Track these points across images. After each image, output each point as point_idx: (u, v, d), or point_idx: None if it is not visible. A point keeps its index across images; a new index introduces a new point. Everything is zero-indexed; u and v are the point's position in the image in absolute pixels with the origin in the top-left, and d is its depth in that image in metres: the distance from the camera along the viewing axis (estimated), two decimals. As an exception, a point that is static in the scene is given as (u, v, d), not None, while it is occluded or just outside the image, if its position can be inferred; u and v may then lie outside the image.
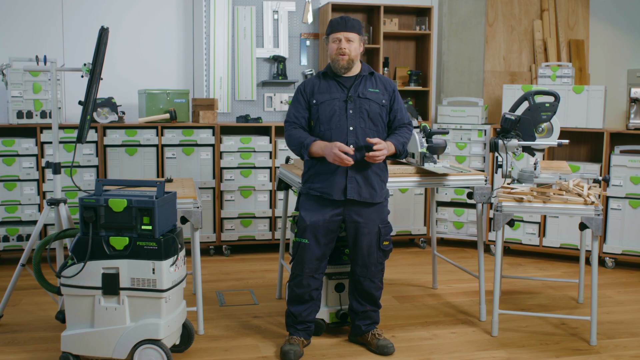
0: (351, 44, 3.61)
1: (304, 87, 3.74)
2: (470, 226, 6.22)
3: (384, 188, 3.76)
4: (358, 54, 3.66)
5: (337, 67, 3.64)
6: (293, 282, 3.74)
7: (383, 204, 3.75)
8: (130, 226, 3.30)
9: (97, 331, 3.33)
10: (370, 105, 3.64)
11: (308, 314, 3.76)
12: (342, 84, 3.66)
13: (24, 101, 5.46)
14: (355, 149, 3.57)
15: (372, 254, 3.71)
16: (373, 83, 3.70)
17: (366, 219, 3.66)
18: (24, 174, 5.47)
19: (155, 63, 6.22)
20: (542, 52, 6.67)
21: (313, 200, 3.69)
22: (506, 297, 4.75)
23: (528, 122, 4.15)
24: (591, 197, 3.79)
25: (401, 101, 3.81)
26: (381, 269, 3.78)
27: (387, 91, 3.73)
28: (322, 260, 3.72)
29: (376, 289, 3.78)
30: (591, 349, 3.81)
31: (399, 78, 6.56)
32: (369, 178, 3.64)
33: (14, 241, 5.49)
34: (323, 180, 3.64)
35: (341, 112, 3.61)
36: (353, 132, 3.60)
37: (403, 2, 6.45)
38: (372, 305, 3.81)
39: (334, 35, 3.63)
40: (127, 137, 5.60)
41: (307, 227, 3.65)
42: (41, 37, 5.94)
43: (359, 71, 3.70)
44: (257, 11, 6.15)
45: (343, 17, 3.66)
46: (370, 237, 3.68)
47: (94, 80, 3.75)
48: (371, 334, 3.78)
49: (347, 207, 3.65)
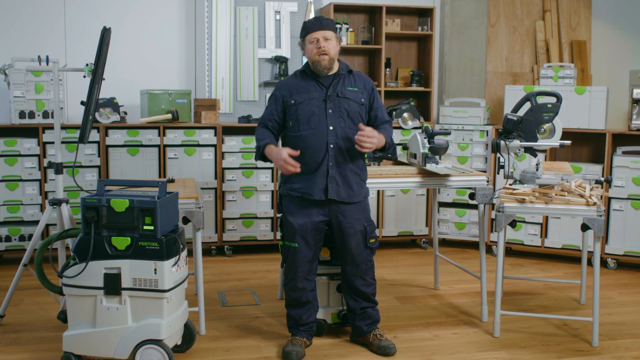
0: (329, 42, 3.59)
1: (281, 87, 3.73)
2: (472, 227, 6.22)
3: (363, 187, 3.75)
4: (337, 52, 3.64)
5: (319, 68, 3.61)
6: (288, 286, 3.75)
7: (364, 202, 3.74)
8: (132, 226, 3.30)
9: (98, 331, 3.33)
10: (350, 104, 3.62)
11: (308, 316, 3.76)
12: (321, 83, 3.64)
13: (26, 101, 5.46)
14: (336, 149, 3.57)
15: (360, 253, 3.70)
16: (352, 82, 3.68)
17: (350, 218, 3.65)
18: (26, 174, 5.48)
19: (157, 63, 6.22)
20: (544, 52, 6.66)
21: (295, 202, 3.67)
22: (508, 298, 4.74)
23: (530, 123, 4.15)
24: (593, 198, 3.78)
25: (380, 99, 3.80)
26: (371, 266, 3.77)
27: (365, 90, 3.71)
28: (313, 261, 3.73)
29: (368, 285, 3.77)
30: (593, 350, 3.81)
31: (401, 79, 6.56)
32: (347, 178, 3.63)
33: (16, 241, 5.50)
34: (303, 180, 3.62)
35: (320, 111, 3.59)
36: (333, 132, 3.58)
37: (405, 3, 6.45)
38: (368, 302, 3.80)
39: (311, 36, 3.60)
40: (129, 138, 5.60)
41: (296, 231, 3.64)
42: (43, 37, 5.95)
43: (338, 70, 3.68)
44: (259, 12, 6.15)
45: (317, 17, 3.64)
46: (357, 236, 3.67)
47: (96, 81, 3.76)
48: (373, 334, 3.78)
49: (330, 207, 3.64)
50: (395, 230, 6.24)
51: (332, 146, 3.58)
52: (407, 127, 6.15)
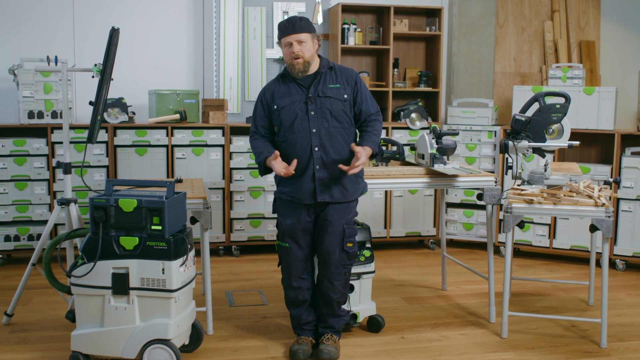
0: (304, 45, 3.50)
1: (264, 93, 3.69)
2: (479, 228, 6.20)
3: (360, 183, 3.70)
4: (312, 53, 3.55)
5: (294, 72, 3.55)
6: (284, 285, 3.76)
7: (352, 204, 3.67)
8: (140, 226, 3.31)
9: (106, 331, 3.34)
10: (332, 103, 3.54)
11: (308, 315, 3.76)
12: (302, 84, 3.58)
13: (35, 101, 5.48)
14: (322, 151, 3.52)
15: (332, 254, 3.62)
16: (333, 78, 3.60)
17: (331, 217, 3.60)
18: (35, 174, 5.50)
19: (166, 64, 6.24)
20: (553, 53, 6.64)
21: (286, 204, 3.66)
22: (516, 299, 4.73)
23: (538, 124, 4.13)
24: (602, 199, 3.77)
25: (365, 91, 3.66)
26: (343, 272, 3.66)
27: (348, 84, 3.60)
28: (307, 261, 3.71)
29: (334, 291, 3.66)
30: (601, 352, 3.79)
31: (408, 79, 6.55)
32: (338, 178, 3.56)
33: (24, 240, 5.52)
34: (291, 184, 3.60)
35: (302, 114, 3.54)
36: (317, 134, 3.53)
37: (413, 3, 6.45)
38: (327, 308, 3.71)
39: (285, 40, 3.54)
40: (137, 138, 5.62)
41: (285, 231, 3.65)
42: (52, 38, 5.97)
43: (318, 68, 3.60)
44: (267, 12, 6.16)
45: (290, 20, 3.53)
46: (332, 235, 3.60)
47: (105, 81, 3.77)
48: (324, 336, 3.71)
49: (320, 208, 3.62)
50: (402, 230, 6.23)
51: (316, 149, 3.52)
52: (415, 128, 6.15)
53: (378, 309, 4.18)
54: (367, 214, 6.13)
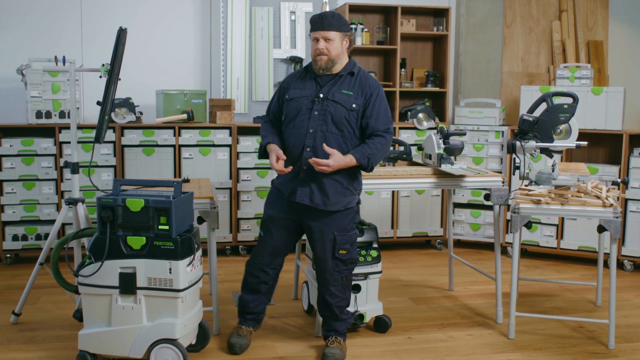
0: (330, 43, 3.46)
1: (285, 81, 3.71)
2: (487, 228, 6.19)
3: (347, 196, 3.56)
4: (340, 52, 3.50)
5: (315, 67, 3.54)
6: (247, 269, 3.77)
7: (342, 213, 3.57)
8: (148, 226, 3.31)
9: (114, 330, 3.34)
10: (336, 108, 3.47)
11: (255, 306, 3.77)
12: (319, 82, 3.55)
13: (42, 101, 5.50)
14: (312, 153, 3.47)
15: (326, 261, 3.58)
16: (350, 84, 3.53)
17: (321, 223, 3.55)
18: (43, 174, 5.52)
19: (173, 64, 6.25)
20: (561, 53, 6.62)
21: (274, 194, 3.68)
22: (523, 300, 4.72)
23: (546, 124, 4.12)
24: (610, 200, 3.76)
25: (380, 106, 3.54)
26: (339, 278, 3.61)
27: (362, 94, 3.51)
28: (276, 255, 3.69)
29: (331, 296, 3.63)
30: (609, 353, 3.78)
31: (416, 79, 6.54)
32: (322, 184, 3.48)
33: (32, 240, 5.54)
34: (281, 176, 3.61)
35: (306, 112, 3.51)
36: (312, 135, 3.47)
37: (420, 3, 6.44)
38: (328, 312, 3.69)
39: (313, 35, 3.52)
40: (145, 138, 5.63)
41: (264, 220, 3.68)
42: (60, 38, 5.99)
43: (340, 70, 3.56)
44: (274, 12, 6.16)
45: (321, 15, 3.49)
46: (323, 243, 3.57)
47: (112, 81, 3.78)
48: (329, 339, 3.70)
49: (303, 209, 3.57)
50: (409, 231, 6.23)
51: (308, 150, 3.48)
52: (422, 128, 6.14)
53: (385, 309, 4.17)
54: (374, 214, 6.12)
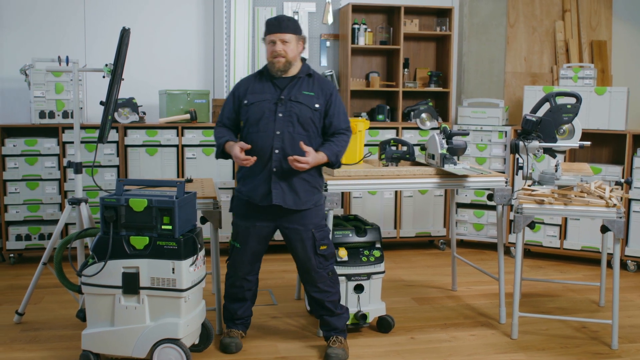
0: (287, 46, 3.50)
1: (239, 86, 3.69)
2: (490, 228, 6.18)
3: (315, 194, 3.63)
4: (296, 54, 3.55)
5: (273, 70, 3.55)
6: (228, 282, 3.77)
7: (314, 209, 3.62)
8: (151, 226, 3.32)
9: (117, 330, 3.35)
10: (301, 109, 3.51)
11: (243, 312, 3.80)
12: (277, 85, 3.56)
13: (46, 101, 5.51)
14: (281, 154, 3.48)
15: (309, 260, 3.61)
16: (309, 85, 3.58)
17: (297, 224, 3.58)
18: (46, 174, 5.53)
19: (176, 64, 6.25)
20: (564, 53, 6.62)
21: (243, 204, 3.64)
22: (526, 300, 4.72)
23: (549, 124, 4.12)
24: (613, 200, 3.75)
25: (339, 105, 3.63)
26: (325, 274, 3.65)
27: (323, 94, 3.58)
28: (254, 263, 3.73)
29: (322, 294, 3.67)
30: (612, 353, 3.77)
31: (419, 79, 6.54)
32: (293, 184, 3.53)
33: (35, 240, 5.55)
34: (248, 184, 3.59)
35: (270, 114, 3.51)
36: (280, 137, 3.49)
37: (423, 3, 6.43)
38: (324, 310, 3.71)
39: (269, 37, 3.53)
40: (148, 137, 5.63)
41: (239, 233, 3.66)
42: (63, 38, 6.00)
43: (297, 72, 3.59)
44: (277, 12, 6.16)
45: (277, 18, 3.54)
46: (303, 243, 3.60)
47: (115, 81, 3.78)
48: (331, 339, 3.70)
49: (275, 213, 3.58)
50: (412, 231, 6.22)
51: (277, 151, 3.49)
52: (425, 128, 6.14)
53: (388, 309, 4.17)
54: (377, 214, 6.12)
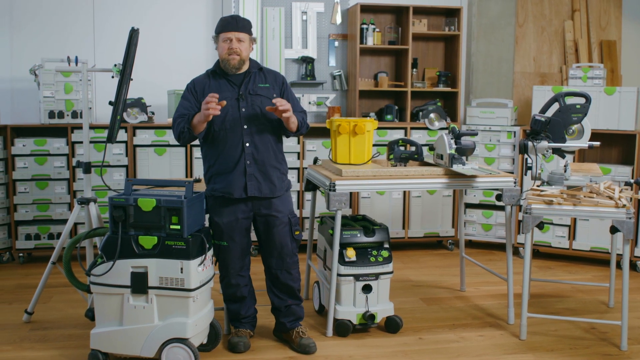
0: (242, 44, 3.61)
1: (194, 85, 3.72)
2: (498, 228, 6.17)
3: (285, 180, 3.79)
4: (248, 54, 3.67)
5: (227, 67, 3.63)
6: (222, 283, 3.81)
7: (286, 195, 3.78)
8: (159, 225, 3.33)
9: (125, 329, 3.36)
10: (262, 101, 3.63)
11: (246, 311, 3.83)
12: (232, 82, 3.66)
13: (55, 101, 5.53)
14: (252, 147, 3.60)
15: (285, 245, 3.74)
16: (262, 78, 3.71)
17: (275, 210, 3.70)
18: (55, 173, 5.55)
19: (184, 64, 6.26)
20: (573, 52, 6.59)
21: (219, 202, 3.68)
22: (535, 301, 4.70)
23: (558, 124, 4.10)
24: (622, 200, 3.74)
25: (292, 92, 3.81)
26: (296, 260, 3.81)
27: (277, 85, 3.74)
28: (244, 257, 3.78)
29: (294, 280, 3.81)
30: (622, 354, 3.76)
31: (427, 79, 6.53)
32: (267, 174, 3.66)
33: (44, 239, 5.57)
34: (222, 180, 3.64)
35: (234, 111, 3.61)
36: (248, 131, 3.61)
37: (432, 3, 6.42)
38: (292, 299, 3.83)
39: (225, 35, 3.62)
40: (157, 137, 5.65)
41: (223, 230, 3.68)
42: (72, 38, 6.02)
43: (248, 68, 3.70)
44: (285, 12, 6.16)
45: (234, 17, 3.66)
46: (282, 227, 3.71)
47: (124, 81, 3.79)
48: (295, 331, 3.80)
49: (253, 203, 3.68)
50: (421, 231, 6.21)
51: (247, 145, 3.60)
52: (433, 128, 6.13)
53: (396, 309, 4.17)
54: (386, 214, 6.11)
